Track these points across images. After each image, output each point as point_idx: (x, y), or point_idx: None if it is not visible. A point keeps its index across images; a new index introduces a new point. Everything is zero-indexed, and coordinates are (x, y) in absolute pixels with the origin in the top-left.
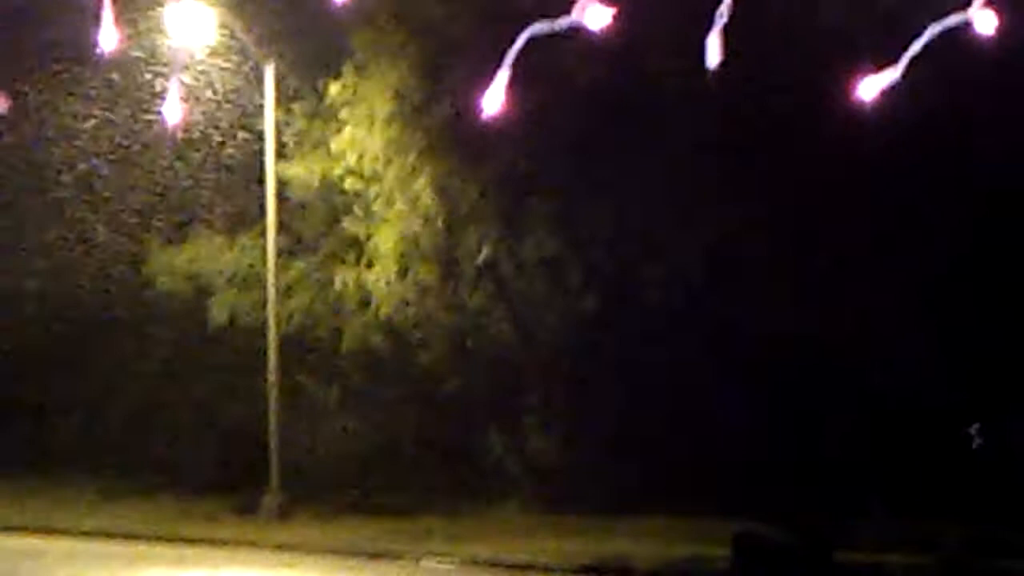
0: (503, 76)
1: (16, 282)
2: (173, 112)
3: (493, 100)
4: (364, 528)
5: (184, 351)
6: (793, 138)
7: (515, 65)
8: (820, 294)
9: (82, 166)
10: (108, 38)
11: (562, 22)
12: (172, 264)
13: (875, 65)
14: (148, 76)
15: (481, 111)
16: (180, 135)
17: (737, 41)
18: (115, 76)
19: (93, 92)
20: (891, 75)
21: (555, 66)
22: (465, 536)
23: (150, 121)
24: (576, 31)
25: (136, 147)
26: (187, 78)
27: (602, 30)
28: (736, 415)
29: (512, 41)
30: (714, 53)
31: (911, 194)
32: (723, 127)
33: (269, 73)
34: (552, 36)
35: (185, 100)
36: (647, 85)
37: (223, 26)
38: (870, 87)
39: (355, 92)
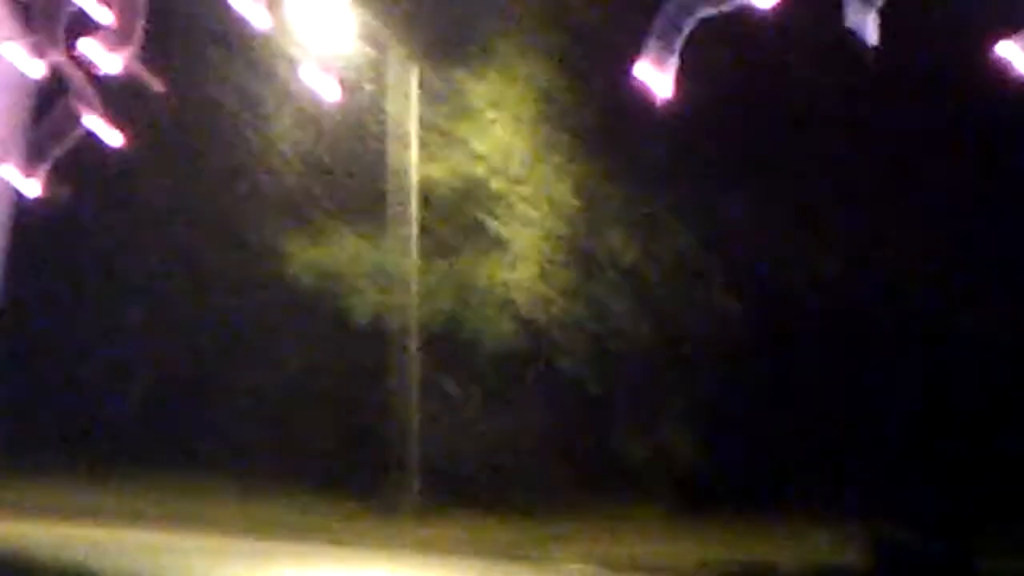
0: (673, 63)
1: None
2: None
3: (664, 87)
4: (503, 530)
5: (324, 350)
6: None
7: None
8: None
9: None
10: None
11: (730, 3)
12: (314, 262)
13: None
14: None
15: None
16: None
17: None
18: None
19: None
20: None
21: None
22: (606, 539)
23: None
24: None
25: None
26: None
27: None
28: (879, 415)
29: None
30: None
31: None
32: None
33: (414, 76)
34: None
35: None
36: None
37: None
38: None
39: (500, 93)
